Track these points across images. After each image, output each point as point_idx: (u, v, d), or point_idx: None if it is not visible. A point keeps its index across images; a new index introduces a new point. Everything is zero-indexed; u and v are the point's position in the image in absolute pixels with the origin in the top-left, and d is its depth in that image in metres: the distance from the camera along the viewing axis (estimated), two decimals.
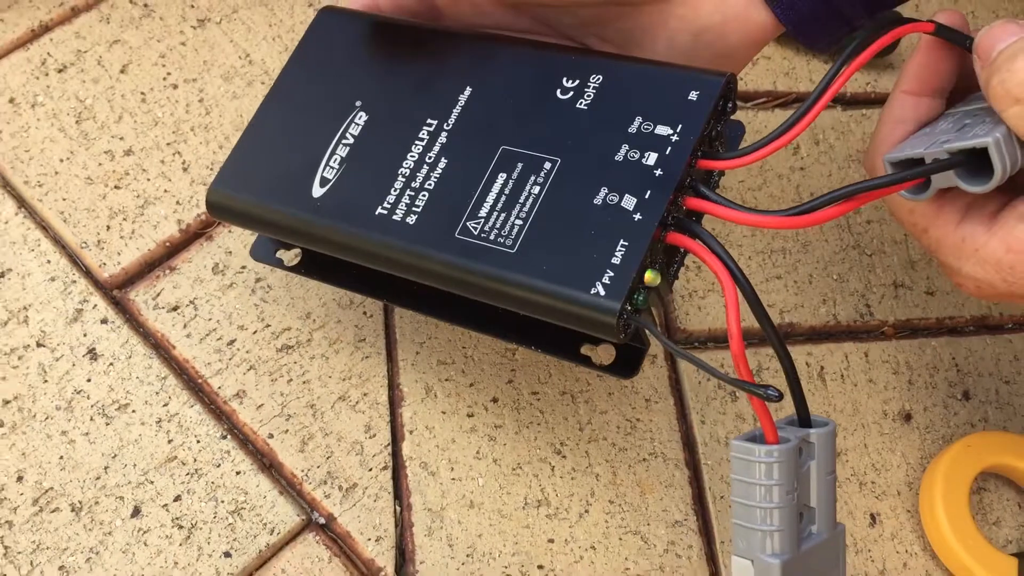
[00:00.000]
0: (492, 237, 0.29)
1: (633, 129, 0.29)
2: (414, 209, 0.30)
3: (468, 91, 0.32)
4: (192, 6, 0.45)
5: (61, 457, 0.36)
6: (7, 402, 0.36)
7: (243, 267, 0.40)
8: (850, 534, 0.39)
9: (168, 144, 0.42)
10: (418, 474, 0.38)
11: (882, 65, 0.51)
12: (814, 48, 0.31)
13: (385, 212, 0.30)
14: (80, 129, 0.41)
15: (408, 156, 0.31)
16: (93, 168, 0.41)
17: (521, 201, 0.29)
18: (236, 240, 0.40)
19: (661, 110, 0.29)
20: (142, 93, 0.42)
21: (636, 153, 0.29)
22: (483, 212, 0.29)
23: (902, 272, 0.45)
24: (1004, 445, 0.41)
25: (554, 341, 0.33)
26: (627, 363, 0.32)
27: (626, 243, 0.27)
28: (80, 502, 0.35)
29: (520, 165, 0.30)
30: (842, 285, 0.44)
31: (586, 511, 0.38)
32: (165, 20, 0.44)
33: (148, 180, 0.41)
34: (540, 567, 0.37)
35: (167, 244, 0.40)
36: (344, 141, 0.32)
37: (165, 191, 0.41)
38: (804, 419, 0.29)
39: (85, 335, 0.38)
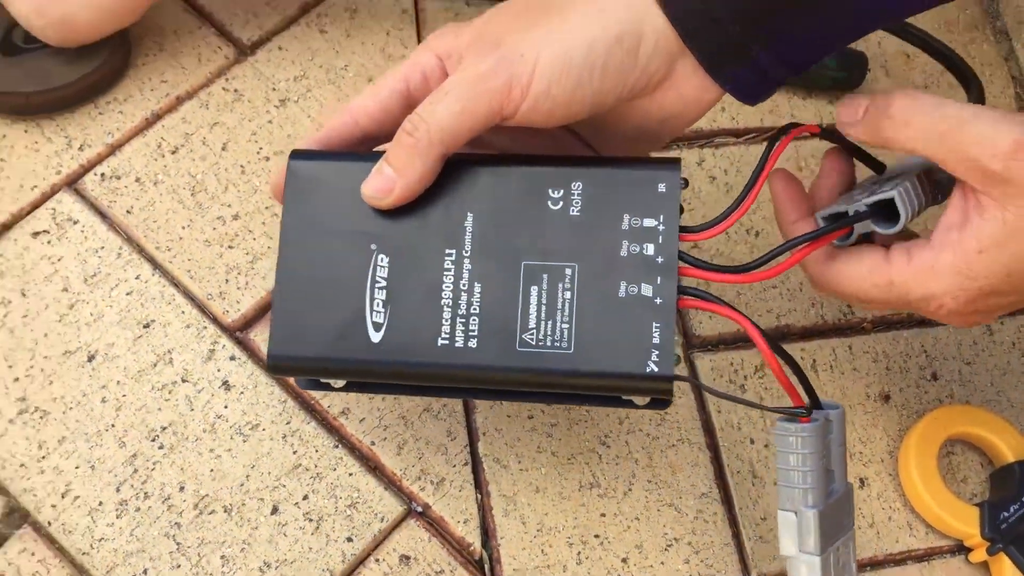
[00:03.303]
0: (549, 343, 0.35)
1: (625, 226, 0.35)
2: (471, 333, 0.35)
3: (470, 216, 0.36)
4: (274, 89, 0.54)
5: (211, 470, 0.45)
6: (164, 428, 0.45)
7: None
8: (852, 464, 0.49)
9: (267, 208, 0.51)
10: (492, 467, 0.47)
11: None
12: (754, 104, 0.39)
13: (446, 341, 0.35)
14: (195, 200, 0.50)
15: (444, 287, 0.35)
16: (209, 232, 0.49)
17: (559, 307, 0.35)
18: None
19: (642, 206, 0.35)
20: (241, 166, 0.51)
21: (636, 247, 0.35)
22: (532, 324, 0.35)
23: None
24: (966, 416, 0.50)
25: (602, 400, 0.39)
26: (662, 400, 0.38)
27: (658, 325, 0.34)
28: (230, 504, 0.44)
29: (546, 276, 0.35)
30: (828, 296, 0.53)
31: (629, 489, 0.47)
32: (253, 102, 0.53)
33: (254, 239, 0.50)
34: (596, 536, 0.46)
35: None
36: (378, 285, 0.36)
37: (268, 247, 0.50)
38: (817, 404, 0.38)
39: (219, 370, 0.47)
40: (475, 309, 0.35)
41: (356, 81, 0.55)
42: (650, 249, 0.35)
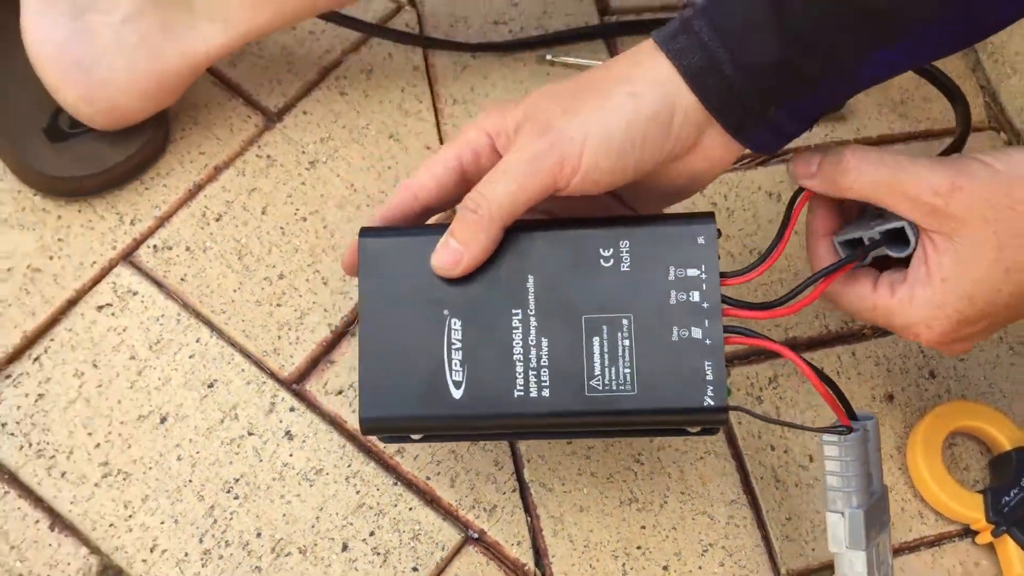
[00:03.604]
0: (614, 388, 0.39)
1: (672, 277, 0.39)
2: (544, 384, 0.39)
3: (531, 278, 0.40)
4: (303, 152, 0.57)
5: (284, 515, 0.49)
6: (237, 480, 0.49)
7: None
8: None
9: (309, 265, 0.54)
10: (539, 491, 0.51)
11: (835, 117, 0.64)
12: (771, 153, 0.43)
13: (522, 393, 0.39)
14: (242, 264, 0.54)
15: (515, 343, 0.39)
16: (259, 293, 0.53)
17: (620, 354, 0.39)
18: None
19: (685, 257, 0.40)
20: (281, 228, 0.55)
21: (684, 295, 0.40)
22: (597, 371, 0.39)
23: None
24: (964, 412, 0.55)
25: (661, 432, 0.44)
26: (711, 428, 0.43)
27: (710, 363, 0.39)
28: (304, 545, 0.48)
29: (605, 327, 0.39)
30: (829, 304, 0.57)
31: (665, 502, 0.51)
32: (285, 166, 0.57)
33: (300, 296, 0.54)
34: (638, 547, 0.50)
35: (324, 344, 0.53)
36: (454, 347, 0.40)
37: (314, 303, 0.54)
38: (852, 415, 0.43)
39: (280, 422, 0.51)
40: (544, 362, 0.39)
41: (378, 138, 0.59)
42: (696, 296, 0.40)
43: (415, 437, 0.43)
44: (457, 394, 0.40)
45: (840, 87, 0.40)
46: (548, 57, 0.63)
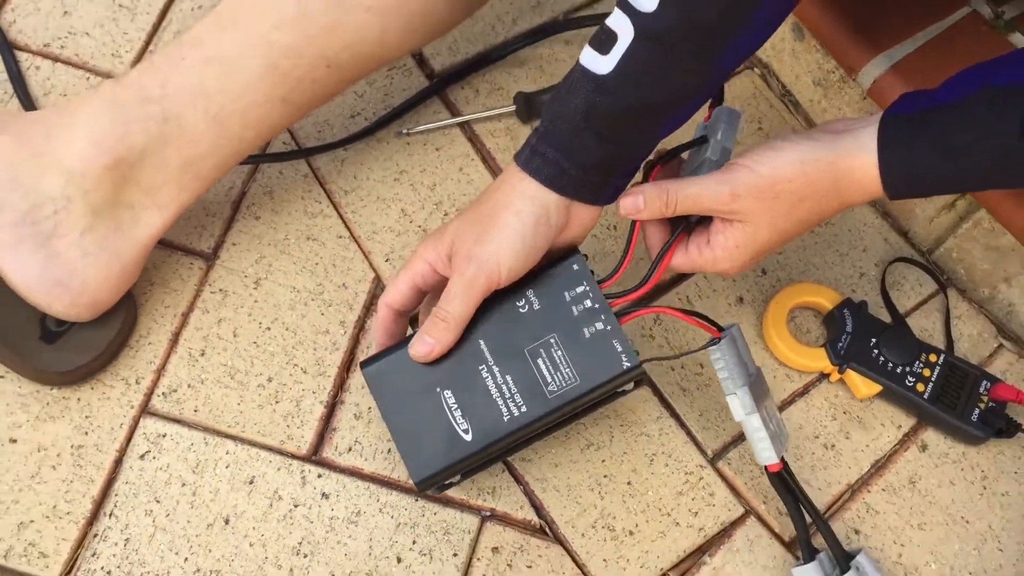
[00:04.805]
0: (565, 385, 0.56)
1: (568, 298, 0.57)
2: (520, 404, 0.56)
3: (482, 342, 0.57)
4: (246, 276, 0.70)
5: (345, 555, 0.63)
6: (300, 543, 0.63)
7: (371, 411, 0.67)
8: None
9: (287, 363, 0.68)
10: (521, 464, 0.67)
11: None
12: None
13: (508, 415, 0.56)
14: (236, 381, 0.67)
15: (490, 388, 0.56)
16: (258, 399, 0.66)
17: (559, 361, 0.56)
18: (353, 400, 0.67)
19: (570, 282, 0.57)
20: (254, 342, 0.68)
21: (581, 306, 0.57)
22: (549, 379, 0.56)
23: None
24: (793, 292, 0.74)
25: (608, 399, 0.60)
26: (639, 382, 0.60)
27: (616, 340, 0.56)
28: (369, 571, 0.63)
29: (542, 350, 0.57)
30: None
31: (611, 437, 0.68)
32: (237, 293, 0.70)
33: (290, 389, 0.67)
34: (604, 476, 0.67)
35: (323, 418, 0.67)
36: (453, 408, 0.56)
37: (303, 389, 0.67)
38: (719, 328, 0.60)
39: (315, 488, 0.65)
40: (514, 389, 0.57)
41: (299, 243, 0.72)
42: (588, 303, 0.57)
43: (455, 480, 0.59)
44: (468, 438, 0.57)
45: (646, 151, 0.57)
46: (404, 132, 0.77)
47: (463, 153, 0.78)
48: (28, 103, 0.73)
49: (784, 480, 0.63)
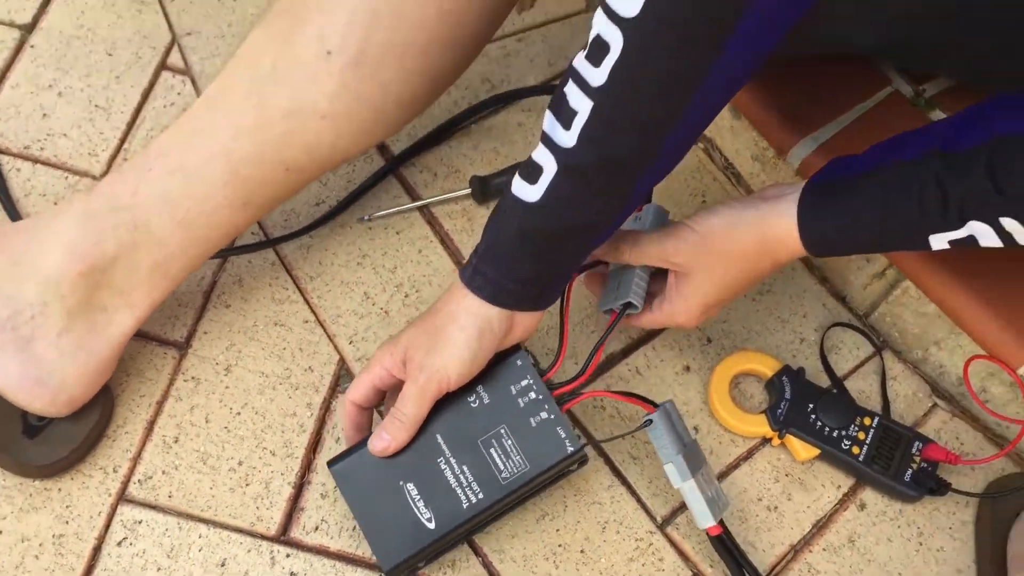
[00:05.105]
0: (516, 471, 0.62)
1: (514, 392, 0.63)
2: (476, 492, 0.62)
3: (439, 436, 0.63)
4: (217, 363, 0.74)
5: None
6: None
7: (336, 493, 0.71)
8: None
9: (256, 447, 0.72)
10: (480, 537, 0.71)
11: None
12: None
13: (467, 502, 0.62)
14: (208, 466, 0.71)
15: (449, 478, 0.62)
16: (229, 482, 0.70)
17: (509, 449, 0.62)
18: (319, 480, 0.71)
19: (515, 377, 0.63)
20: (225, 427, 0.72)
21: (526, 398, 0.63)
22: (502, 467, 0.62)
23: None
24: (736, 360, 0.78)
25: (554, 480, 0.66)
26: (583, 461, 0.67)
27: (559, 427, 0.62)
28: None
29: (494, 440, 0.63)
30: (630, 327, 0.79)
31: (565, 507, 0.72)
32: (209, 380, 0.74)
33: (259, 471, 0.71)
34: (559, 545, 0.71)
35: (290, 498, 0.71)
36: (415, 499, 0.62)
37: (271, 471, 0.71)
38: (654, 404, 0.65)
39: (283, 568, 0.68)
40: (470, 478, 0.63)
41: (267, 329, 0.76)
42: (532, 395, 0.63)
43: (421, 565, 0.64)
44: (432, 526, 0.62)
45: (577, 263, 0.63)
46: (366, 218, 0.82)
47: (422, 236, 0.82)
48: (10, 207, 0.77)
49: (724, 543, 0.68)
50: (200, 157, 0.66)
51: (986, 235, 0.53)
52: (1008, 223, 0.51)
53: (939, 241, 0.55)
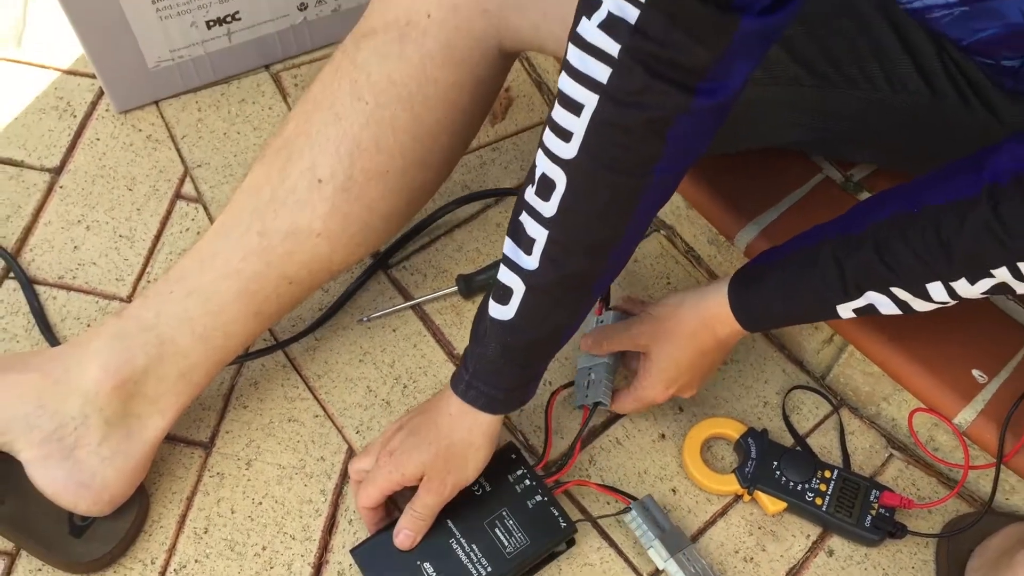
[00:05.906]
0: (519, 547, 0.73)
1: (512, 479, 0.74)
2: (485, 566, 0.72)
3: (449, 522, 0.74)
4: (239, 458, 0.83)
5: None
6: None
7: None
8: (659, 482, 0.83)
9: (278, 532, 0.80)
10: None
11: None
12: None
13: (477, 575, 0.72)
14: (235, 552, 0.79)
15: (461, 556, 0.73)
16: (256, 566, 0.78)
17: (511, 529, 0.73)
18: (336, 560, 0.79)
19: (512, 468, 0.75)
20: (249, 516, 0.80)
21: (522, 485, 0.74)
22: (506, 543, 0.73)
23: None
24: (705, 426, 0.86)
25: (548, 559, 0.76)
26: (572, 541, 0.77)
27: (554, 509, 0.73)
28: None
29: (497, 522, 0.74)
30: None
31: (559, 571, 0.80)
32: (232, 474, 0.82)
33: (281, 555, 0.79)
34: None
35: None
36: (431, 575, 0.72)
37: (293, 554, 0.79)
38: (633, 497, 0.76)
39: None
40: (480, 555, 0.74)
41: (282, 426, 0.85)
42: (527, 481, 0.75)
43: None
44: None
45: (549, 360, 0.72)
46: (364, 319, 0.91)
47: (416, 331, 0.92)
48: (48, 334, 0.87)
49: None
50: (214, 278, 0.75)
51: (883, 304, 0.63)
52: (899, 292, 0.61)
53: (845, 310, 0.65)
